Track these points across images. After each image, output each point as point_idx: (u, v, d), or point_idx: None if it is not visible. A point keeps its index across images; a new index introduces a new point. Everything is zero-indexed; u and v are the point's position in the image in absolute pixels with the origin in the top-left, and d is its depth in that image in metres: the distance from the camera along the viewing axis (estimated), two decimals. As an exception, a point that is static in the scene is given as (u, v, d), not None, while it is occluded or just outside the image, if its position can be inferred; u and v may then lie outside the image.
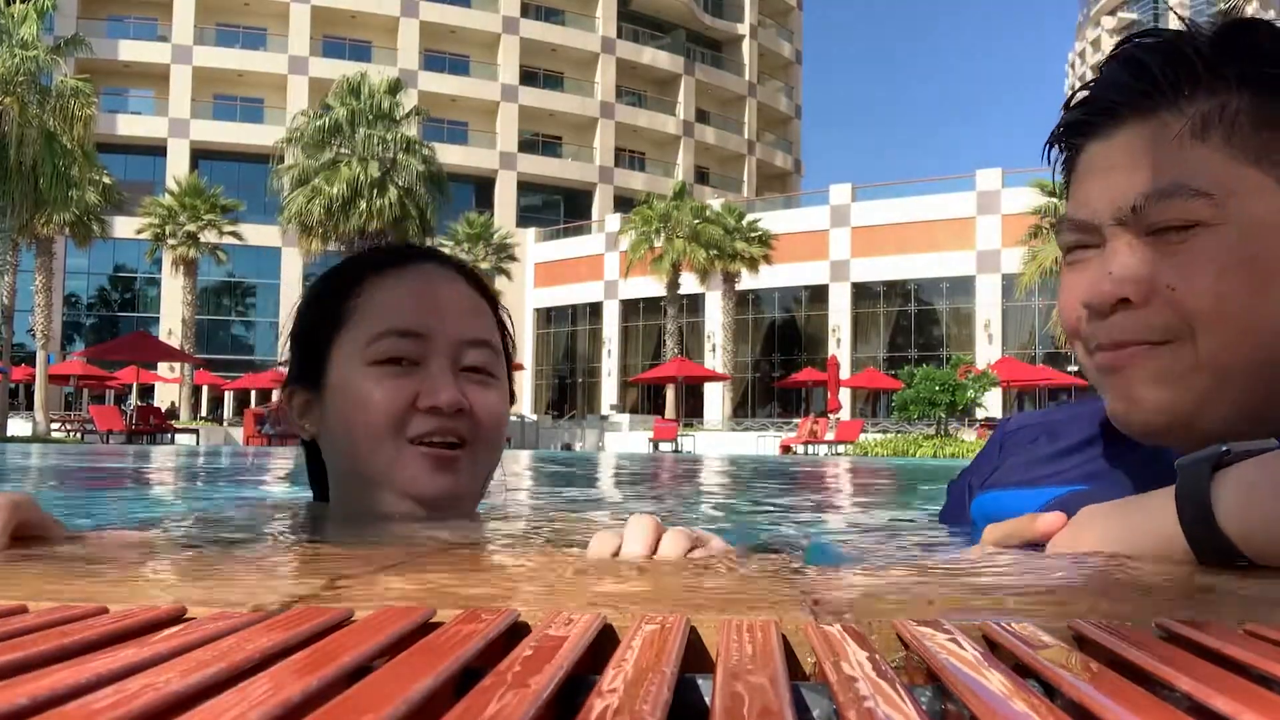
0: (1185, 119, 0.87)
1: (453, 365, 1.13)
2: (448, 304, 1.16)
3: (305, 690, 0.31)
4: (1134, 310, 0.89)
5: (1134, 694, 0.33)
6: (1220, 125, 0.87)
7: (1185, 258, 0.87)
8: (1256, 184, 0.86)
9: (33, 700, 0.30)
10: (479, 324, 1.18)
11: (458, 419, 1.11)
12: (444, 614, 0.45)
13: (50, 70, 23.88)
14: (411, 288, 1.16)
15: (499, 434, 1.16)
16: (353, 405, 1.12)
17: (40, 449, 14.70)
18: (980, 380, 25.90)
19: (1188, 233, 0.86)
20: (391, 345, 1.11)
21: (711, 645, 0.43)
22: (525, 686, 0.33)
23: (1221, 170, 0.86)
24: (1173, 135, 0.87)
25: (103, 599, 0.48)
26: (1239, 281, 0.86)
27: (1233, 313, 0.86)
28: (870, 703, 0.32)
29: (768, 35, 53.94)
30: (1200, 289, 0.86)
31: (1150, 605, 0.56)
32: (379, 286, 1.16)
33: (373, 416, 1.10)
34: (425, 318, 1.13)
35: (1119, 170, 0.91)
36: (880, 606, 0.52)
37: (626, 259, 32.56)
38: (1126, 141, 0.91)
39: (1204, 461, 0.72)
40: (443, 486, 1.11)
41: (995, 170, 32.75)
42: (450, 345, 1.13)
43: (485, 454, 1.16)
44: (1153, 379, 0.89)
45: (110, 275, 43.21)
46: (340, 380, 1.14)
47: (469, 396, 1.12)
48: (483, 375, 1.16)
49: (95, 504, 4.15)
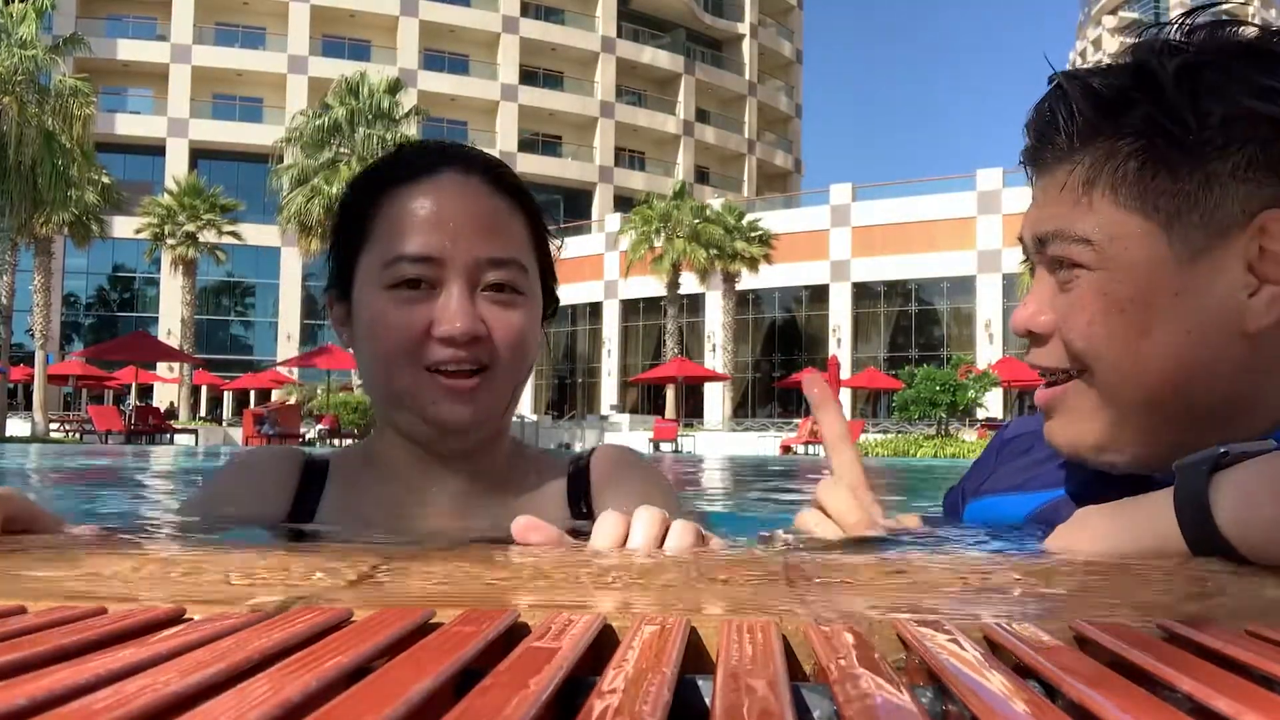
0: (1082, 165, 0.93)
1: (470, 287, 1.09)
2: (465, 221, 1.10)
3: (304, 691, 0.31)
4: (1041, 343, 0.97)
5: (1135, 695, 0.33)
6: (1105, 174, 0.91)
7: (1070, 298, 0.93)
8: (1139, 230, 0.90)
9: (32, 701, 0.30)
10: (500, 240, 1.12)
11: (475, 346, 1.08)
12: (443, 615, 0.45)
13: (49, 69, 23.83)
14: (426, 205, 1.10)
15: (522, 355, 1.13)
16: (371, 329, 1.10)
17: (39, 449, 14.65)
18: (981, 380, 25.86)
19: (1074, 272, 0.92)
20: (406, 270, 1.08)
21: (712, 646, 0.43)
22: (525, 687, 0.33)
23: (1106, 217, 0.91)
24: (1074, 179, 0.93)
25: (101, 599, 0.48)
26: (1114, 324, 0.90)
27: (1111, 353, 0.91)
28: (871, 703, 0.32)
29: (768, 34, 53.91)
30: (1078, 329, 0.92)
31: (1151, 606, 0.55)
32: (394, 202, 1.12)
33: (389, 343, 1.08)
34: (439, 239, 1.09)
35: (1037, 204, 0.98)
36: (881, 608, 0.52)
37: (626, 259, 32.51)
38: (1044, 180, 0.97)
39: (1203, 463, 0.73)
40: (460, 415, 1.09)
41: (996, 170, 32.71)
42: (467, 266, 1.09)
43: (507, 377, 1.13)
44: (1064, 415, 0.97)
45: (109, 275, 43.19)
46: (361, 300, 1.12)
47: (488, 320, 1.09)
48: (506, 294, 1.11)
49: (95, 504, 4.10)
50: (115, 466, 8.85)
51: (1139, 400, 0.92)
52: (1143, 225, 0.90)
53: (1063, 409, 0.97)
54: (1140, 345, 0.90)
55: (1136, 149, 0.90)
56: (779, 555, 0.73)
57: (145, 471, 8.05)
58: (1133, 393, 0.91)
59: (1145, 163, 0.90)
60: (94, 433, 22.75)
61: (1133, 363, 0.90)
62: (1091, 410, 0.94)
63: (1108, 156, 0.92)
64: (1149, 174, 0.90)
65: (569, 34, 46.95)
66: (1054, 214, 0.94)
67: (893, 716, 0.31)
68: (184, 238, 33.04)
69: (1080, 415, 0.95)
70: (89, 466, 8.82)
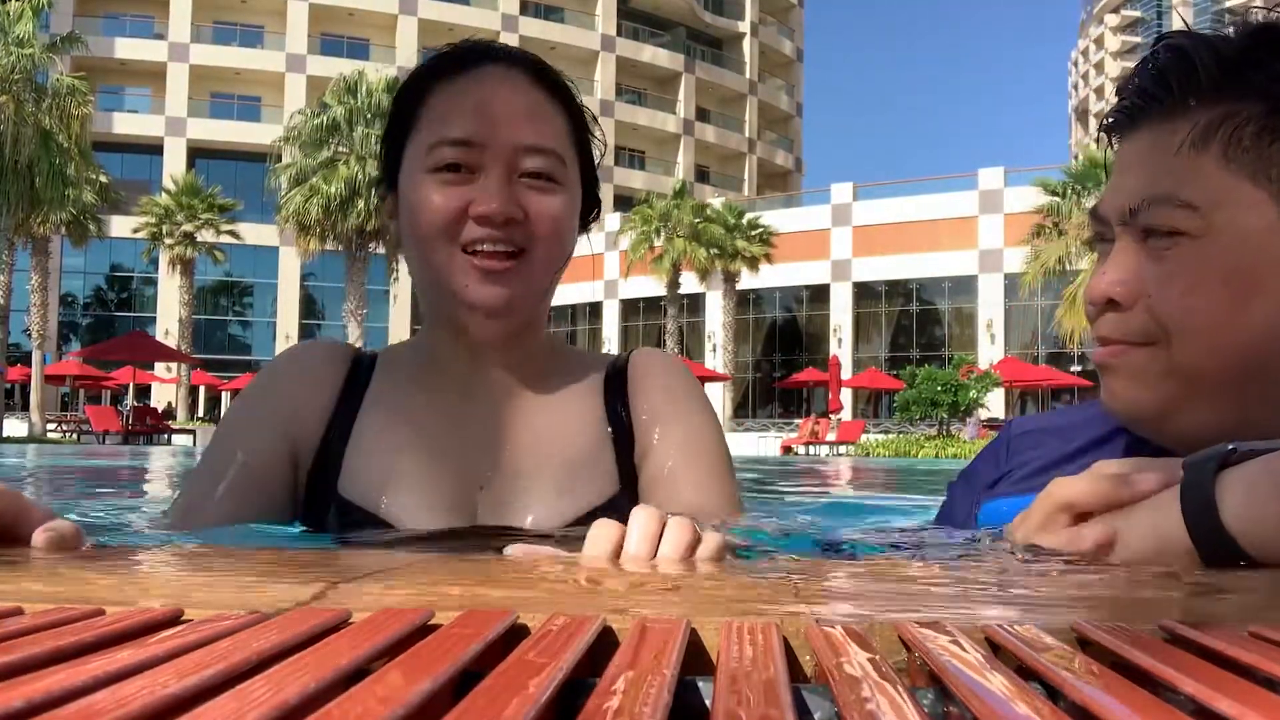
0: (1191, 125, 0.89)
1: (509, 172, 1.13)
2: (506, 109, 1.15)
3: (303, 693, 0.31)
4: (1120, 312, 0.93)
5: (1138, 696, 0.33)
6: (1219, 137, 0.88)
7: (1166, 267, 0.90)
8: (1248, 198, 0.87)
9: (29, 703, 0.30)
10: (540, 129, 1.16)
11: (511, 228, 1.12)
12: (442, 616, 0.45)
13: (46, 68, 23.71)
14: (470, 93, 1.16)
15: (559, 240, 1.17)
16: (413, 210, 1.15)
17: (36, 449, 14.53)
18: (982, 381, 25.78)
19: (1172, 240, 0.89)
20: (447, 153, 1.13)
21: (712, 647, 0.43)
22: (524, 689, 0.33)
23: (1214, 182, 0.88)
24: (1177, 143, 0.89)
25: (99, 600, 0.48)
26: (1213, 296, 0.88)
27: (1202, 325, 0.89)
28: (872, 705, 0.32)
29: (768, 33, 53.82)
30: (1172, 300, 0.89)
31: (1154, 607, 0.56)
32: (440, 94, 1.17)
33: (427, 222, 1.13)
34: (480, 125, 1.13)
35: (1130, 172, 0.94)
36: (880, 608, 0.52)
37: (626, 258, 32.39)
38: (1140, 144, 0.94)
39: (1210, 460, 0.73)
40: (494, 296, 1.13)
41: (998, 169, 32.63)
42: (506, 152, 1.13)
43: (543, 261, 1.16)
44: (1128, 377, 0.94)
45: (107, 275, 43.07)
46: (405, 185, 1.17)
47: (526, 204, 1.13)
48: (543, 181, 1.15)
49: (92, 506, 3.96)
50: (114, 466, 8.73)
51: (1218, 372, 0.89)
52: (1253, 194, 0.87)
53: (1127, 371, 0.94)
54: (1236, 317, 0.88)
55: (1257, 112, 0.87)
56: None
57: (145, 471, 7.93)
58: (1215, 364, 0.89)
59: (1264, 128, 0.87)
60: (91, 433, 22.67)
61: (1224, 335, 0.88)
62: (1160, 375, 0.92)
63: (1225, 118, 0.88)
64: (1267, 140, 0.87)
65: (568, 32, 46.86)
66: (1152, 179, 0.91)
67: (894, 718, 0.31)
68: (182, 237, 32.91)
69: (1148, 380, 0.92)
70: (84, 466, 8.69)
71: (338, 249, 29.59)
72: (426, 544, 1.11)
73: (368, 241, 28.94)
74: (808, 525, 1.35)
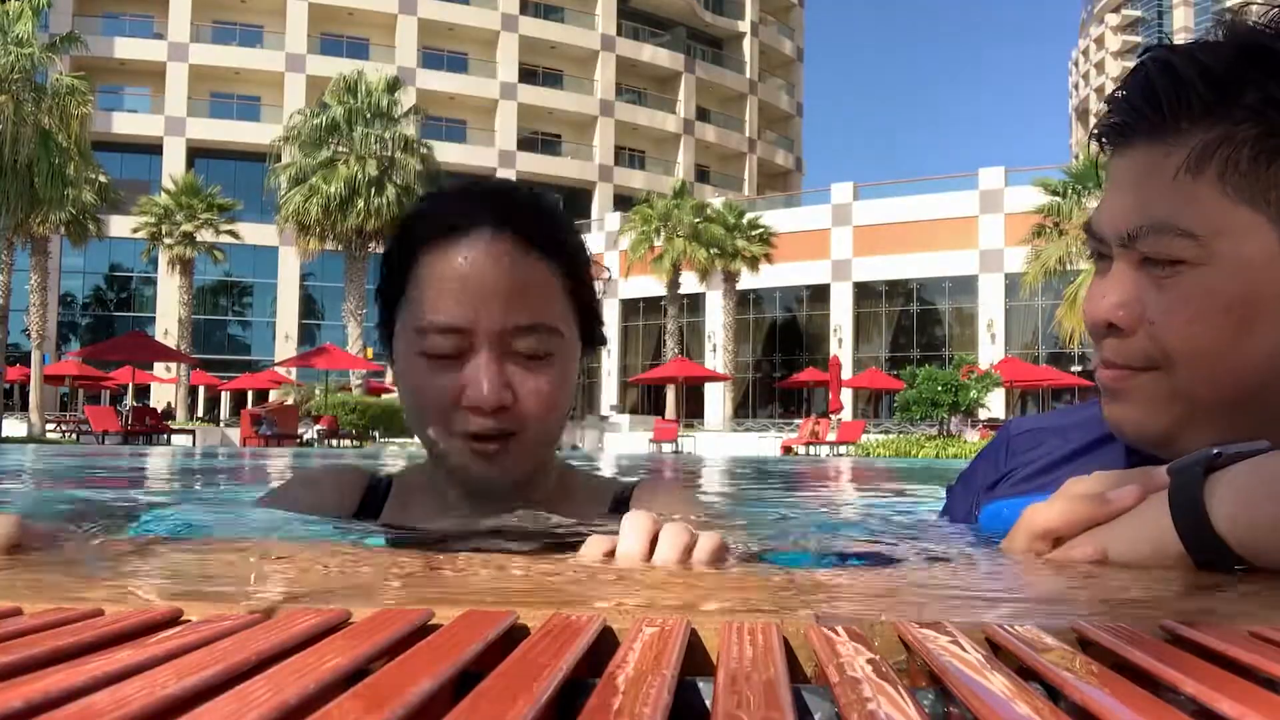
0: (1185, 149, 0.87)
1: (498, 356, 1.13)
2: (494, 289, 1.13)
3: (302, 693, 0.31)
4: (1122, 336, 0.92)
5: (1138, 697, 0.33)
6: (1216, 161, 0.86)
7: (1168, 294, 0.89)
8: (1247, 223, 0.86)
9: (28, 703, 0.29)
10: (529, 305, 1.14)
11: (501, 414, 1.12)
12: (442, 616, 0.45)
13: (45, 68, 23.67)
14: (457, 272, 1.13)
15: (550, 417, 1.17)
16: (407, 390, 1.17)
17: (35, 450, 14.50)
18: (983, 381, 25.75)
19: (1173, 269, 0.88)
20: (436, 342, 1.13)
21: (712, 647, 0.43)
22: (525, 689, 0.33)
23: (1212, 208, 0.86)
24: (1172, 167, 0.87)
25: (99, 601, 0.48)
26: (1216, 323, 0.87)
27: (1206, 352, 0.88)
28: (872, 705, 0.32)
29: (768, 32, 53.78)
30: (1175, 329, 0.88)
31: (1154, 607, 0.55)
32: (427, 265, 1.15)
33: (421, 406, 1.15)
34: (467, 310, 1.12)
35: (1125, 191, 0.92)
36: (880, 609, 0.52)
37: (626, 258, 32.35)
38: (1134, 163, 0.92)
39: (1196, 465, 0.72)
40: (490, 473, 1.14)
41: (998, 169, 32.60)
42: (495, 335, 1.12)
43: (535, 436, 1.17)
44: (1132, 403, 0.93)
45: (106, 275, 43.05)
46: (399, 355, 1.18)
47: (515, 386, 1.13)
48: (534, 360, 1.15)
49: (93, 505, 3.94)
50: (112, 467, 8.70)
51: (1222, 397, 0.89)
52: (1251, 218, 0.86)
53: (1132, 394, 0.93)
54: (1240, 344, 0.87)
55: (1251, 135, 0.85)
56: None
57: (144, 471, 7.91)
58: (1218, 391, 0.89)
59: (1260, 151, 0.85)
60: (90, 433, 22.62)
61: (1227, 361, 0.88)
62: (1166, 400, 0.91)
63: (1220, 141, 0.86)
64: (1264, 163, 0.85)
65: (568, 32, 46.82)
66: (1148, 203, 0.89)
67: (894, 718, 0.31)
68: (181, 237, 32.87)
69: (1154, 405, 0.92)
70: (90, 465, 8.67)
71: (337, 249, 29.56)
72: (467, 541, 1.12)
73: (367, 241, 28.90)
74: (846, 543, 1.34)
